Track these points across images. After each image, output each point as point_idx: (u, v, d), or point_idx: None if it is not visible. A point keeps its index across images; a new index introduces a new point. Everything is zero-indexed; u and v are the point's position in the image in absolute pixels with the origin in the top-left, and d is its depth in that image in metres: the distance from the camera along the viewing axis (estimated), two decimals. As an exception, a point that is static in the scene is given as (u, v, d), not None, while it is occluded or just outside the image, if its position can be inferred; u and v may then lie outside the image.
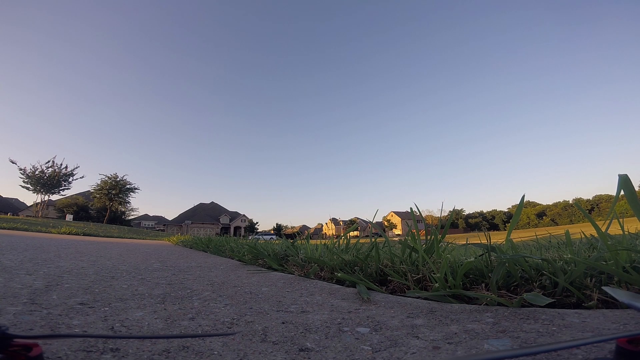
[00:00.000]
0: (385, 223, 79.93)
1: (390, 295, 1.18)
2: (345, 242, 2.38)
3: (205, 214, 65.11)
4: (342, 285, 1.47)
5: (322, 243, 2.85)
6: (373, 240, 1.88)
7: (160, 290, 1.29)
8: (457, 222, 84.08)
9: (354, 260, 1.72)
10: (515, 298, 0.86)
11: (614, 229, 1.35)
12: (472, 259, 1.02)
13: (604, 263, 0.90)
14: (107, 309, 0.92)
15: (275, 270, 2.19)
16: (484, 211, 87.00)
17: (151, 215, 70.01)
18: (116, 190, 36.82)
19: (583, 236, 2.08)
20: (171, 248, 6.28)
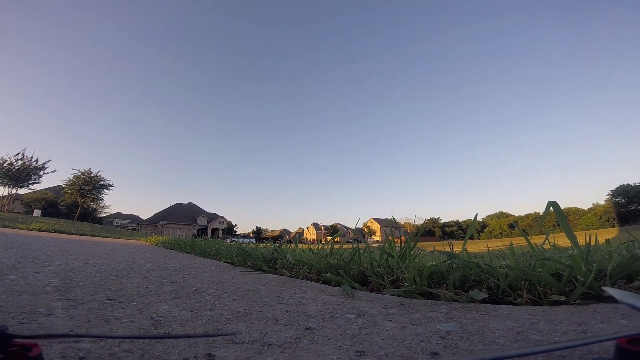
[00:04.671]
0: (365, 229, 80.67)
1: (369, 292, 1.42)
2: (330, 247, 2.59)
3: (182, 214, 63.47)
4: (329, 285, 1.69)
5: (308, 248, 3.06)
6: (355, 246, 2.12)
7: (170, 288, 1.46)
8: (434, 230, 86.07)
9: (338, 263, 1.94)
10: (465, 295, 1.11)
11: (580, 240, 1.65)
12: (435, 264, 1.27)
13: (534, 271, 1.16)
14: (135, 303, 1.09)
15: (265, 272, 2.37)
16: (460, 220, 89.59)
17: (124, 213, 67.53)
18: (89, 186, 35.43)
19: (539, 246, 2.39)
20: (152, 249, 6.28)
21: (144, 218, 63.01)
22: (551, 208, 1.32)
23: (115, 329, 0.77)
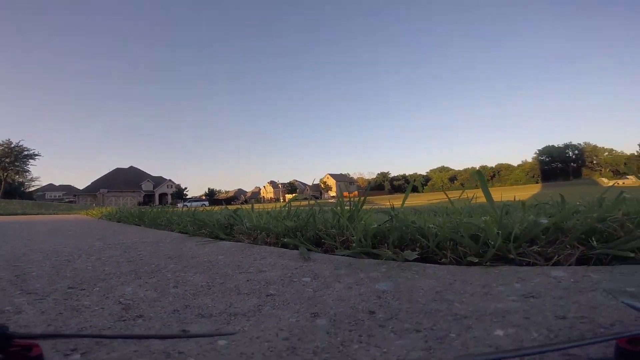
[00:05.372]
0: (322, 185, 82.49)
1: (324, 254, 1.57)
2: (287, 209, 2.63)
3: (124, 180, 58.82)
4: (287, 247, 1.81)
5: (265, 210, 3.07)
6: (310, 202, 2.21)
7: (127, 268, 1.46)
8: (384, 183, 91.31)
9: (296, 225, 2.04)
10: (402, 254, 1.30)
11: (517, 195, 1.90)
12: (377, 226, 1.45)
13: (457, 233, 1.32)
14: (98, 288, 1.10)
15: (223, 239, 2.39)
16: (407, 174, 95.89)
17: (57, 185, 61.05)
18: (11, 158, 31.37)
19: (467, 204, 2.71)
20: (97, 223, 5.92)
21: (81, 188, 57.48)
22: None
23: (89, 318, 0.80)
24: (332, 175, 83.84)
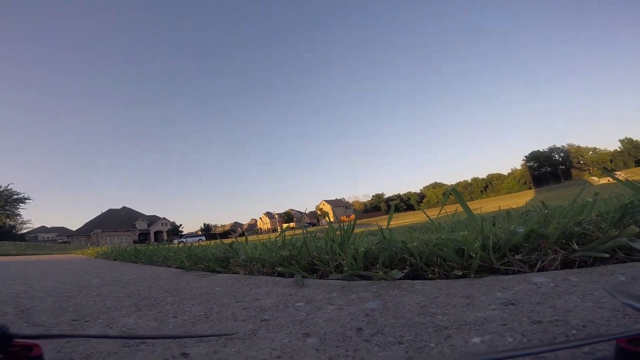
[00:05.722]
0: (319, 212, 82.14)
1: (318, 279, 1.62)
2: (282, 239, 2.67)
3: (118, 220, 58.39)
4: (283, 276, 1.85)
5: (260, 241, 3.10)
6: (305, 231, 2.27)
7: (128, 302, 1.50)
8: (380, 205, 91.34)
9: (290, 254, 2.09)
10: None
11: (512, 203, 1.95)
12: (364, 249, 1.51)
13: (443, 249, 1.37)
14: (101, 320, 1.16)
15: (219, 272, 2.42)
16: (401, 193, 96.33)
17: (49, 226, 60.22)
18: (0, 202, 31.23)
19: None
20: (93, 262, 5.85)
21: (74, 229, 56.65)
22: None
23: (96, 345, 0.85)
24: (327, 201, 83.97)
